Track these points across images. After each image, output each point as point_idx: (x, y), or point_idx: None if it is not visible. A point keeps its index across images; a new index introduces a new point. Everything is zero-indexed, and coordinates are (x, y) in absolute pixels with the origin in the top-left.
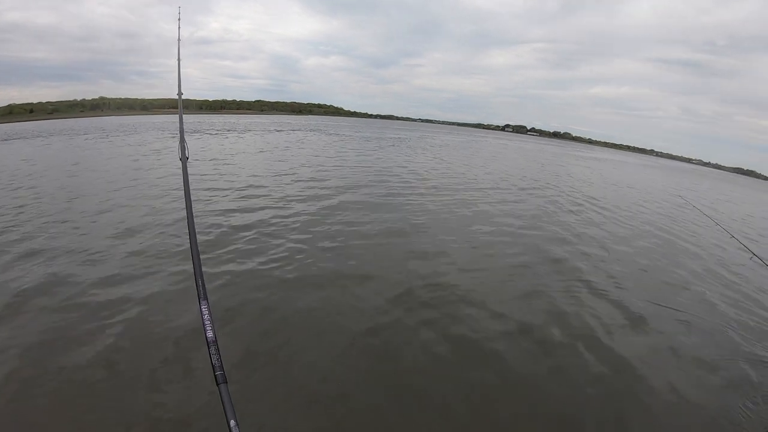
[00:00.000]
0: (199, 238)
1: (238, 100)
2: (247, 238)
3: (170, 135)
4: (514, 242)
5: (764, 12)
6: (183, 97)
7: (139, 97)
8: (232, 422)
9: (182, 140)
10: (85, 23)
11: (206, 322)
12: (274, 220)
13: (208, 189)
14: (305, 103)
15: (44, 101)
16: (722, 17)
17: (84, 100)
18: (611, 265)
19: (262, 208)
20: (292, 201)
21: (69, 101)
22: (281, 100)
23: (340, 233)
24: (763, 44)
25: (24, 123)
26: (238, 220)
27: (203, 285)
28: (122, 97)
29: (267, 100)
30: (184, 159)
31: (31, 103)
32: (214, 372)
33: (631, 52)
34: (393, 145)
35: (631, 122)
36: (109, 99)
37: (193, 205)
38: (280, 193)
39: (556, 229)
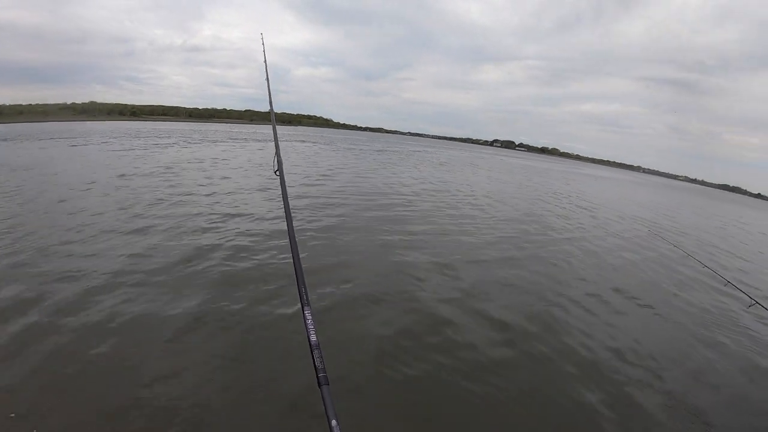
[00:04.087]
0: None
1: (228, 108)
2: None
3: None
4: None
5: (753, 33)
6: (172, 104)
7: (129, 103)
8: (333, 422)
9: (277, 153)
10: (79, 25)
11: (309, 327)
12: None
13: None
14: (295, 114)
15: (33, 103)
16: (714, 38)
17: (74, 103)
18: None
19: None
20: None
21: (60, 104)
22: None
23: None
24: (750, 65)
25: (29, 124)
26: None
27: (306, 291)
28: (113, 102)
29: (256, 109)
30: (281, 172)
31: (21, 105)
32: (317, 374)
33: (622, 71)
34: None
35: (620, 139)
36: (99, 104)
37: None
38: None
39: None
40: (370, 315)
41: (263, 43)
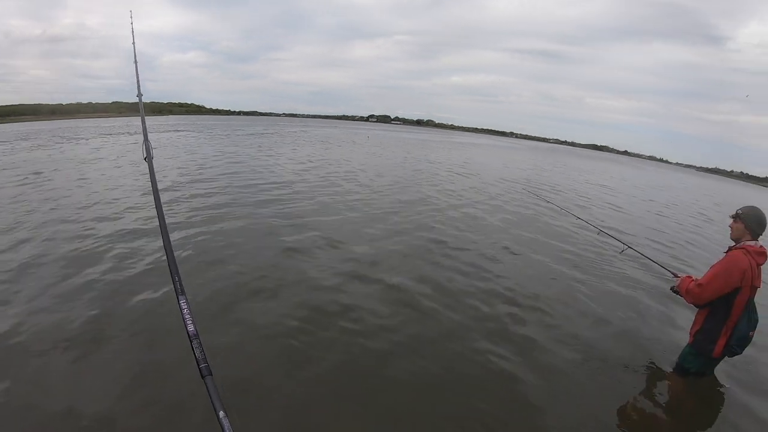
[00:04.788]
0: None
1: (94, 102)
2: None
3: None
4: None
5: (617, 7)
6: (33, 101)
7: None
8: (221, 413)
9: (146, 140)
10: None
11: (186, 317)
12: None
13: None
14: (165, 102)
15: None
16: (577, 11)
17: None
18: None
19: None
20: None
21: None
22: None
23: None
24: (610, 35)
25: None
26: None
27: (180, 281)
28: None
29: (124, 101)
30: (149, 159)
31: None
32: (199, 365)
33: (491, 43)
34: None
35: (492, 108)
36: None
37: None
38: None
39: None
40: (259, 303)
41: (132, 22)
